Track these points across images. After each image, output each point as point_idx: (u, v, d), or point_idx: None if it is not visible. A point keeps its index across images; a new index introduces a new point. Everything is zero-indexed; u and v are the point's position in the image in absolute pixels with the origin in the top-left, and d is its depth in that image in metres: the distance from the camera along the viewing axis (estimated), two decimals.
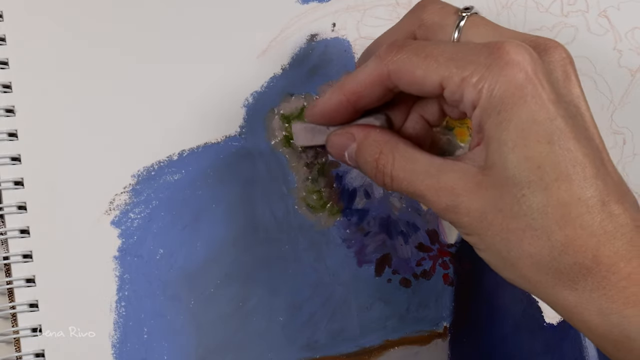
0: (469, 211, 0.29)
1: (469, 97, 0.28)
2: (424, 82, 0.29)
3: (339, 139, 0.34)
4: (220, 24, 0.38)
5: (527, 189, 0.27)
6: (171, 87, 0.37)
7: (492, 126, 0.28)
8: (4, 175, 0.34)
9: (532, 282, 0.28)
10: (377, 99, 0.32)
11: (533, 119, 0.27)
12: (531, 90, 0.27)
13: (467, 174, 0.29)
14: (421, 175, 0.30)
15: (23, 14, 0.35)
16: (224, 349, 0.36)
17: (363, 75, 0.31)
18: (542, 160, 0.27)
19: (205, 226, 0.36)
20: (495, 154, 0.28)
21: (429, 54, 0.29)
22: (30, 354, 0.33)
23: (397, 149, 0.31)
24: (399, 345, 0.38)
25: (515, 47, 0.28)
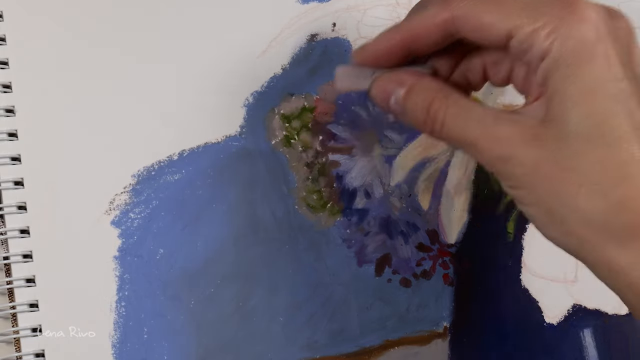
0: (524, 162, 0.28)
1: (539, 47, 0.28)
2: (491, 29, 0.29)
3: (386, 82, 0.32)
4: (221, 24, 0.38)
5: (589, 143, 0.27)
6: (171, 87, 0.37)
7: (559, 79, 0.28)
8: (4, 175, 0.34)
9: (581, 239, 0.28)
10: (434, 43, 0.31)
11: (602, 76, 0.27)
12: (602, 49, 0.27)
13: (525, 125, 0.28)
14: (475, 122, 0.29)
15: (23, 14, 0.35)
16: (224, 349, 0.36)
17: (425, 17, 0.31)
18: (606, 117, 0.27)
19: (205, 226, 0.36)
20: (558, 107, 0.28)
21: (499, 2, 0.29)
22: (30, 354, 0.33)
23: (451, 96, 0.31)
24: (399, 345, 0.38)
25: (590, 5, 0.28)
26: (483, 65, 0.32)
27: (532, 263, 0.40)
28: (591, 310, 0.40)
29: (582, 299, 0.40)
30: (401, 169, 0.39)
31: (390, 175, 0.39)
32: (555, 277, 0.40)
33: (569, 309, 0.40)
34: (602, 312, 0.40)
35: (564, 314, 0.40)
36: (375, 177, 0.38)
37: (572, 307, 0.40)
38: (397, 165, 0.39)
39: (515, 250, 0.40)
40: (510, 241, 0.40)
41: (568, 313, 0.40)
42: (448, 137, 0.31)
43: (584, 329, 0.40)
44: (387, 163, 0.39)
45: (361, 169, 0.38)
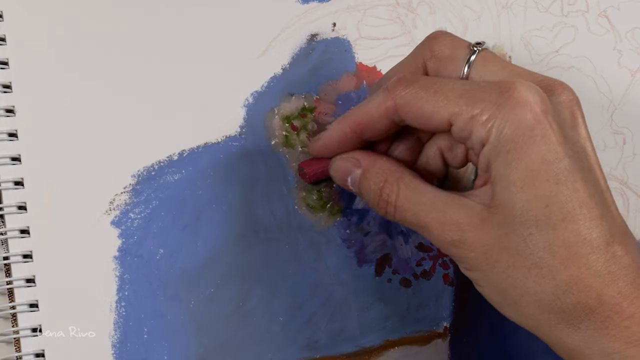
0: (474, 247, 0.29)
1: (478, 135, 0.28)
2: (432, 117, 0.29)
3: (343, 163, 0.34)
4: (220, 24, 0.38)
5: (535, 227, 0.27)
6: (171, 87, 0.37)
7: (500, 165, 0.28)
8: (4, 175, 0.34)
9: (535, 320, 0.29)
10: (383, 131, 0.32)
11: (542, 159, 0.27)
12: (541, 130, 0.27)
13: (474, 210, 0.29)
14: (426, 207, 0.30)
15: (23, 14, 0.35)
16: (224, 349, 0.36)
17: (370, 107, 0.32)
18: (550, 199, 0.27)
19: (205, 226, 0.36)
20: (502, 193, 0.28)
21: (438, 90, 0.29)
22: (30, 354, 0.33)
23: (402, 179, 0.31)
24: (399, 345, 0.38)
25: (526, 87, 0.28)
26: (440, 150, 0.33)
27: None
28: None
29: None
30: None
31: None
32: None
33: None
34: None
35: None
36: None
37: None
38: None
39: None
40: None
41: None
42: (402, 221, 0.31)
43: None
44: None
45: None
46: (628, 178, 0.42)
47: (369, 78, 0.39)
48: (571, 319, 0.28)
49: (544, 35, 0.42)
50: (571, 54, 0.42)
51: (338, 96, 0.38)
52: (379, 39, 0.40)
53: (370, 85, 0.39)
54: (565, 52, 0.42)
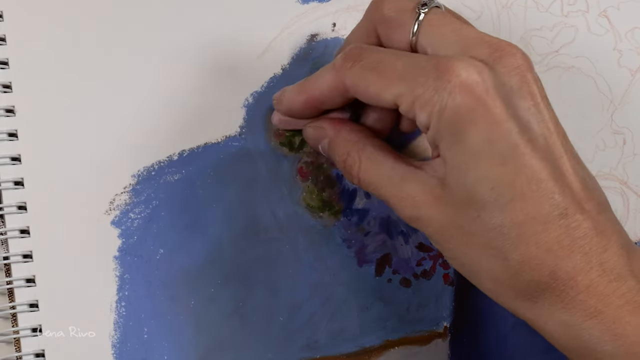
0: (430, 223, 0.29)
1: (420, 118, 0.28)
2: (379, 98, 0.29)
3: (312, 132, 0.34)
4: (221, 24, 0.38)
5: (483, 210, 0.27)
6: (171, 87, 0.37)
7: (445, 148, 0.28)
8: (4, 175, 0.34)
9: (493, 294, 0.29)
10: (339, 104, 0.32)
11: (485, 139, 0.27)
12: (481, 111, 0.27)
13: (428, 185, 0.29)
14: (385, 181, 0.30)
15: (23, 14, 0.35)
16: (224, 349, 0.36)
17: (322, 83, 0.32)
18: (496, 181, 0.27)
19: (205, 226, 0.36)
20: (450, 174, 0.28)
21: (381, 71, 0.29)
22: (30, 354, 0.33)
23: (364, 150, 0.31)
24: (399, 345, 0.38)
25: (465, 65, 0.27)
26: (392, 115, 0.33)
27: None
28: None
29: None
30: None
31: None
32: None
33: None
34: None
35: None
36: None
37: None
38: None
39: None
40: None
41: None
42: (367, 190, 0.32)
43: None
44: None
45: None
46: (628, 178, 0.42)
47: None
48: (527, 295, 0.28)
49: (544, 35, 0.42)
50: (571, 54, 0.42)
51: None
52: None
53: None
54: (565, 52, 0.42)
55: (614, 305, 0.27)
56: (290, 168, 0.37)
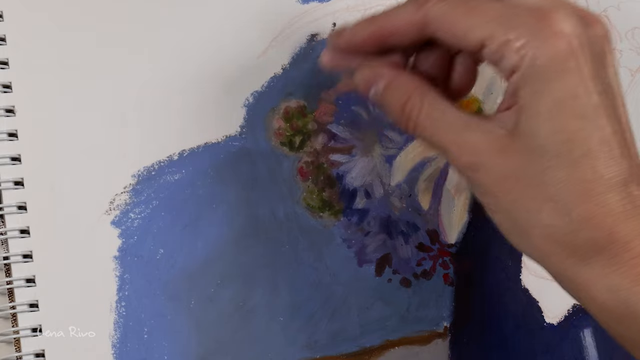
0: (491, 172, 0.28)
1: (510, 60, 0.28)
2: (465, 36, 0.29)
3: (367, 73, 0.32)
4: (221, 23, 0.38)
5: (555, 160, 0.27)
6: (171, 87, 0.37)
7: (528, 94, 0.28)
8: (4, 175, 0.34)
9: (544, 252, 0.29)
10: (409, 43, 0.31)
11: (571, 92, 0.27)
12: (574, 64, 0.27)
13: (494, 134, 0.29)
14: (447, 127, 0.30)
15: (23, 14, 0.35)
16: (224, 349, 0.36)
17: (399, 17, 0.31)
18: (573, 134, 0.27)
19: (205, 226, 0.36)
20: (527, 122, 0.28)
21: (474, 7, 0.28)
22: (30, 354, 0.33)
23: (426, 96, 0.31)
24: (399, 345, 0.38)
25: (564, 17, 0.27)
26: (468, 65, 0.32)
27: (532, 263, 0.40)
28: None
29: None
30: (401, 169, 0.39)
31: (390, 175, 0.39)
32: None
33: (569, 309, 0.40)
34: None
35: (564, 314, 0.40)
36: (375, 177, 0.38)
37: (572, 307, 0.40)
38: (397, 165, 0.39)
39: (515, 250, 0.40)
40: None
41: (568, 313, 0.40)
42: (421, 137, 0.31)
43: (584, 329, 0.40)
44: (387, 163, 0.39)
45: (361, 169, 0.38)
46: None
47: None
48: (581, 254, 0.28)
49: None
50: None
51: (338, 96, 0.38)
52: None
53: None
54: None
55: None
56: (291, 168, 0.37)
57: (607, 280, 0.27)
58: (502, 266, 0.40)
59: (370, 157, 0.38)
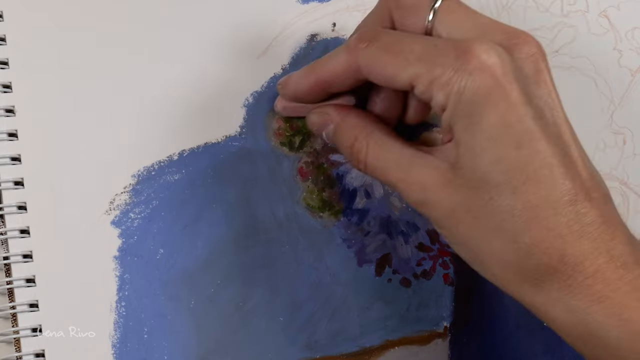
0: (439, 207, 0.29)
1: (437, 99, 0.28)
2: (394, 79, 0.29)
3: (317, 118, 0.34)
4: (221, 24, 0.38)
5: (495, 192, 0.27)
6: (171, 87, 0.37)
7: (460, 129, 0.28)
8: (4, 175, 0.34)
9: (500, 279, 0.29)
10: (349, 86, 0.32)
11: (501, 122, 0.27)
12: (499, 93, 0.27)
13: (438, 169, 0.29)
14: (393, 165, 0.30)
15: (23, 14, 0.35)
16: (224, 349, 0.36)
17: (334, 64, 0.32)
18: (510, 164, 0.27)
19: (205, 226, 0.36)
20: (464, 157, 0.28)
21: (398, 51, 0.29)
22: (30, 354, 0.33)
23: (371, 136, 0.31)
24: (399, 345, 0.38)
25: (484, 49, 0.27)
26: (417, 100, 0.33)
27: None
28: None
29: None
30: None
31: None
32: None
33: None
34: None
35: None
36: None
37: None
38: None
39: None
40: None
41: None
42: (373, 177, 0.32)
43: None
44: None
45: None
46: (628, 178, 0.42)
47: None
48: (535, 280, 0.28)
49: (544, 35, 0.42)
50: (571, 54, 0.42)
51: None
52: None
53: None
54: (565, 52, 0.42)
55: (621, 292, 0.27)
56: (291, 168, 0.37)
57: (563, 302, 0.28)
58: None
59: None
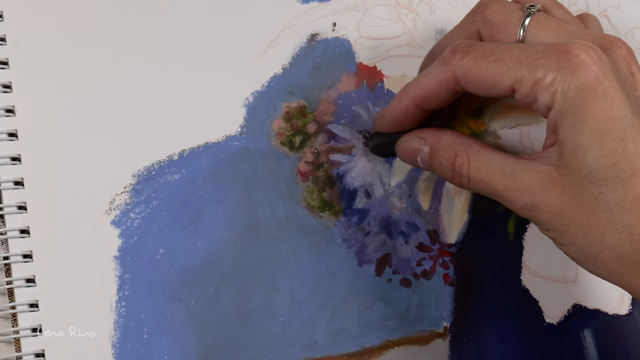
0: (548, 209, 0.29)
1: (543, 99, 0.29)
2: (494, 86, 0.30)
3: (410, 144, 0.34)
4: (221, 23, 0.38)
5: (605, 186, 0.28)
6: (171, 87, 0.37)
7: (567, 127, 0.28)
8: (4, 175, 0.34)
9: (616, 274, 0.29)
10: (445, 101, 0.33)
11: (607, 118, 0.28)
12: (602, 90, 0.28)
13: (543, 172, 0.30)
14: (497, 175, 0.31)
15: (23, 14, 0.35)
16: (224, 349, 0.36)
17: (429, 80, 0.32)
18: (617, 157, 0.28)
19: (205, 226, 0.36)
20: (570, 155, 0.29)
21: (497, 58, 0.30)
22: (30, 354, 0.33)
23: (471, 150, 0.32)
24: (399, 345, 0.38)
25: (584, 48, 0.28)
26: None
27: (532, 263, 0.40)
28: (591, 310, 0.40)
29: (582, 299, 0.40)
30: (401, 169, 0.39)
31: (390, 175, 0.39)
32: (555, 277, 0.40)
33: (569, 309, 0.40)
34: (602, 312, 0.40)
35: (564, 314, 0.40)
36: (375, 177, 0.38)
37: (572, 307, 0.40)
38: (397, 165, 0.39)
39: (515, 250, 0.40)
40: (510, 241, 0.40)
41: (568, 313, 0.40)
42: (477, 190, 0.32)
43: (584, 329, 0.40)
44: (387, 163, 0.39)
45: (361, 169, 0.38)
46: None
47: (369, 78, 0.39)
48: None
49: None
50: None
51: (338, 96, 0.38)
52: (379, 39, 0.40)
53: (370, 85, 0.39)
54: None
55: None
56: (291, 168, 0.37)
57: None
58: (502, 266, 0.40)
59: (370, 157, 0.38)
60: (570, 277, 0.40)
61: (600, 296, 0.40)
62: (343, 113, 0.38)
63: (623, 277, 0.29)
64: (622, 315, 0.41)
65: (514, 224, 0.40)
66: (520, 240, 0.40)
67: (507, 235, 0.40)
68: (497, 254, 0.40)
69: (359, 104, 0.38)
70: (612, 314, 0.41)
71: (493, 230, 0.40)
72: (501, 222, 0.40)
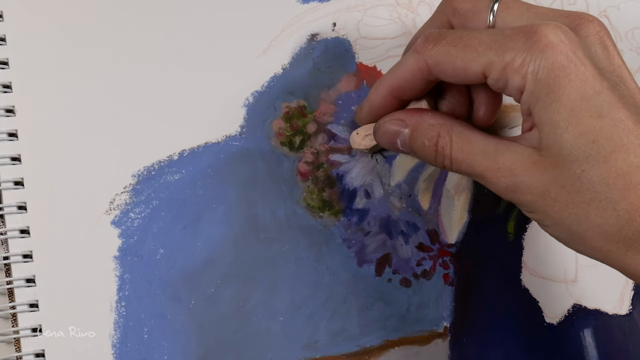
0: (531, 189, 0.29)
1: (514, 82, 0.29)
2: (465, 72, 0.30)
3: (389, 126, 0.34)
4: (221, 23, 0.38)
5: (586, 164, 0.28)
6: (171, 87, 0.37)
7: (541, 109, 0.28)
8: (4, 175, 0.34)
9: (603, 251, 0.29)
10: (420, 90, 0.33)
11: (581, 95, 0.28)
12: (574, 68, 0.28)
13: (524, 154, 0.29)
14: (479, 156, 0.31)
15: (23, 14, 0.35)
16: (224, 349, 0.36)
17: (403, 70, 0.32)
18: (596, 134, 0.28)
19: (205, 226, 0.36)
20: (549, 136, 0.28)
21: (466, 44, 0.30)
22: (30, 354, 0.33)
23: (453, 130, 0.32)
24: (399, 345, 0.38)
25: (552, 28, 0.28)
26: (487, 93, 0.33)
27: (532, 263, 0.40)
28: (591, 310, 0.40)
29: (582, 299, 0.40)
30: (401, 169, 0.39)
31: (390, 175, 0.39)
32: (555, 277, 0.40)
33: (569, 309, 0.40)
34: (602, 312, 0.40)
35: (564, 314, 0.40)
36: (375, 177, 0.38)
37: (572, 307, 0.40)
38: (397, 165, 0.39)
39: (515, 250, 0.40)
40: (510, 241, 0.40)
41: (568, 313, 0.40)
42: (458, 171, 0.32)
43: (584, 329, 0.40)
44: (387, 163, 0.39)
45: (361, 169, 0.38)
46: None
47: (369, 78, 0.39)
48: (638, 245, 0.28)
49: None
50: None
51: (338, 96, 0.38)
52: (379, 39, 0.40)
53: (370, 85, 0.39)
54: None
55: None
56: (291, 168, 0.37)
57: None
58: (502, 266, 0.40)
59: (370, 157, 0.38)
60: (570, 277, 0.40)
61: (600, 296, 0.40)
62: (343, 113, 0.38)
63: (611, 255, 0.29)
64: (622, 315, 0.41)
65: (514, 224, 0.40)
66: (520, 240, 0.40)
67: (507, 235, 0.40)
68: (497, 254, 0.40)
69: (359, 104, 0.38)
70: (612, 314, 0.41)
71: (493, 230, 0.40)
72: (501, 222, 0.40)
